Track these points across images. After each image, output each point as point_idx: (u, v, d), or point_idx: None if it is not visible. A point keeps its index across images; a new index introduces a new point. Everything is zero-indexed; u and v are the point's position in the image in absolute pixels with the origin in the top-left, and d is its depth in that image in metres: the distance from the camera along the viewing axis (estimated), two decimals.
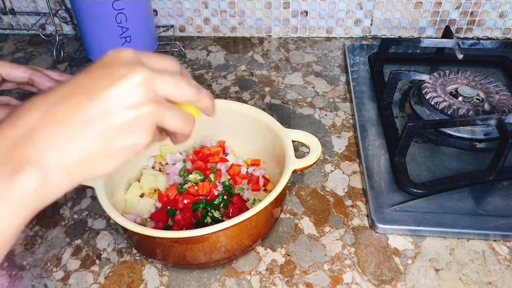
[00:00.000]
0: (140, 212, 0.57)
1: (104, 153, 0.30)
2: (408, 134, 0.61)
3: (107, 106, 0.29)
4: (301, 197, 0.63)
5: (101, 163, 0.30)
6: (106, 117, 0.29)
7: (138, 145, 0.31)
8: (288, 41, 0.97)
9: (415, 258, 0.55)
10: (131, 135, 0.30)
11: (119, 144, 0.30)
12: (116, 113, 0.29)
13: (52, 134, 0.28)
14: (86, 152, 0.29)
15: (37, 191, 0.27)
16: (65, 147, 0.28)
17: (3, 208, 0.26)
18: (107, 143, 0.29)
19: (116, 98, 0.29)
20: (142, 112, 0.30)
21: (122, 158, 0.31)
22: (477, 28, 0.94)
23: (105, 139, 0.29)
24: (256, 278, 0.53)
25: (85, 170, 0.30)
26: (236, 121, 0.63)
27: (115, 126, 0.29)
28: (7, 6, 0.99)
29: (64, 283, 0.54)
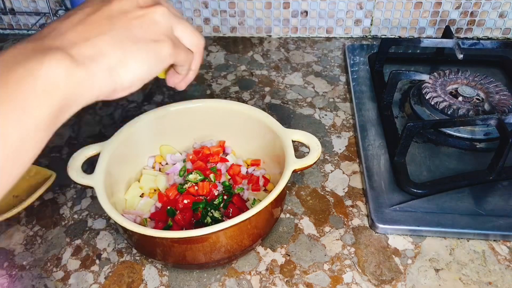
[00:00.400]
0: (140, 212, 0.57)
1: (134, 49, 0.31)
2: (408, 134, 0.61)
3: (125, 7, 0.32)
4: (301, 197, 0.63)
5: (132, 61, 0.31)
6: (127, 15, 0.32)
7: (164, 47, 0.33)
8: (288, 41, 0.97)
9: (415, 258, 0.55)
10: (154, 33, 0.33)
11: (145, 43, 0.32)
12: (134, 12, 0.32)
13: (80, 29, 0.30)
14: (115, 45, 0.30)
15: (63, 83, 0.27)
16: (94, 39, 0.29)
17: (34, 86, 0.26)
18: (134, 40, 0.31)
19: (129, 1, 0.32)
20: (156, 12, 0.33)
21: (151, 59, 0.32)
22: (477, 28, 0.94)
23: (131, 35, 0.31)
24: (256, 278, 0.53)
25: (116, 68, 0.30)
26: (236, 121, 0.63)
27: (137, 24, 0.32)
28: (7, 6, 0.99)
29: (64, 283, 0.54)
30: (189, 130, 0.65)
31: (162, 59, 0.33)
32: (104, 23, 0.30)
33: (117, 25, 0.31)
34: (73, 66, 0.28)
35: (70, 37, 0.29)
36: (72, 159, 0.55)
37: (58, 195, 0.65)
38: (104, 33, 0.30)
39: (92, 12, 0.31)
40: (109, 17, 0.31)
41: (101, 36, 0.30)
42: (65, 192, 0.65)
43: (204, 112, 0.64)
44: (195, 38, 0.37)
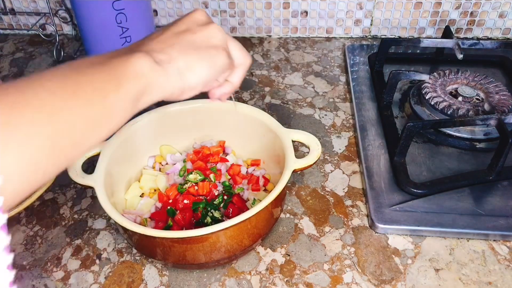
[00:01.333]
0: (140, 212, 0.57)
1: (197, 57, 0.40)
2: (408, 134, 0.61)
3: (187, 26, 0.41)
4: (301, 197, 0.63)
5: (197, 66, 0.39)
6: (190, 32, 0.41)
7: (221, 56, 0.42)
8: (288, 41, 0.97)
9: (415, 258, 0.55)
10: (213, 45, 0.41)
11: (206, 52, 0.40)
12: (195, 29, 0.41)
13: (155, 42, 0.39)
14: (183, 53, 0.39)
15: (147, 73, 0.35)
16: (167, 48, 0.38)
17: (127, 69, 0.34)
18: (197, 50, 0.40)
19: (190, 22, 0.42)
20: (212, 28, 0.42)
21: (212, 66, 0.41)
22: (477, 28, 0.94)
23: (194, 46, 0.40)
24: (256, 278, 0.53)
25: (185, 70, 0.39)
26: (236, 121, 0.63)
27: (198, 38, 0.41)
28: (7, 6, 0.99)
29: (64, 283, 0.54)
30: (189, 130, 0.65)
31: (220, 65, 0.42)
32: (173, 38, 0.40)
33: (183, 39, 0.40)
34: (154, 63, 0.36)
35: (150, 47, 0.38)
36: None
37: (58, 195, 0.65)
38: (173, 45, 0.39)
39: (164, 32, 0.40)
40: (176, 34, 0.40)
41: (171, 46, 0.39)
42: (65, 192, 0.65)
43: (204, 112, 0.64)
44: (244, 55, 0.46)
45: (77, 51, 0.94)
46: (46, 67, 0.91)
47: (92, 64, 0.33)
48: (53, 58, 0.93)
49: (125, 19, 0.79)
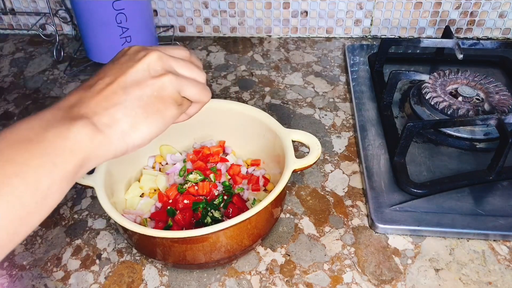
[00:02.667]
0: (140, 212, 0.57)
1: (144, 115, 0.37)
2: (408, 134, 0.61)
3: (137, 77, 0.37)
4: (301, 197, 0.63)
5: (143, 126, 0.37)
6: (139, 85, 0.37)
7: (170, 110, 0.39)
8: (288, 41, 0.97)
9: (415, 258, 0.55)
10: (162, 99, 0.38)
11: (154, 108, 0.37)
12: (145, 82, 0.37)
13: (100, 99, 0.35)
14: (128, 113, 0.36)
15: (87, 145, 0.33)
16: (111, 108, 0.35)
17: (64, 145, 0.31)
18: (144, 107, 0.37)
19: (142, 71, 0.38)
20: (164, 80, 0.38)
21: (159, 122, 0.38)
22: (477, 28, 0.94)
23: (142, 103, 0.37)
24: (256, 278, 0.53)
25: (129, 132, 0.36)
26: (236, 121, 0.63)
27: (147, 92, 0.37)
28: (7, 6, 0.99)
29: (64, 283, 0.54)
30: (189, 130, 0.65)
31: (167, 120, 0.39)
32: (120, 93, 0.36)
33: (131, 95, 0.36)
34: (94, 132, 0.34)
35: (92, 106, 0.35)
36: None
37: None
38: (120, 103, 0.36)
39: (110, 83, 0.36)
40: (124, 88, 0.36)
41: (117, 106, 0.36)
42: None
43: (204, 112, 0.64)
44: (201, 94, 0.42)
45: (77, 51, 0.94)
46: (46, 67, 0.92)
47: (23, 142, 0.30)
48: (53, 58, 0.93)
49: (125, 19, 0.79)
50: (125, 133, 0.36)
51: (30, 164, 0.29)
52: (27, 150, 0.30)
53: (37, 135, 0.31)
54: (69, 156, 0.32)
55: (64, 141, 0.32)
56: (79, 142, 0.32)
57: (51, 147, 0.31)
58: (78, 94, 0.36)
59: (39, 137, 0.31)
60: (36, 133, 0.31)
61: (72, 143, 0.32)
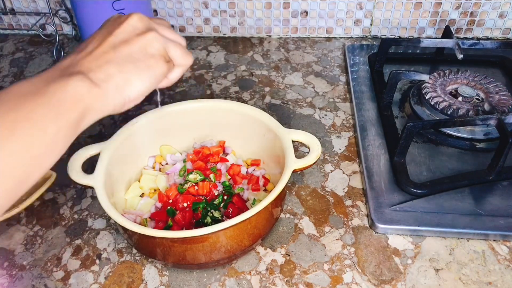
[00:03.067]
0: (140, 212, 0.57)
1: (135, 71, 0.39)
2: (408, 134, 0.61)
3: (124, 36, 0.39)
4: (301, 197, 0.63)
5: (136, 80, 0.39)
6: (127, 43, 0.39)
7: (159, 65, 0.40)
8: (288, 41, 0.97)
9: (415, 258, 0.55)
10: (151, 55, 0.40)
11: (145, 64, 0.39)
12: (132, 39, 0.40)
13: (92, 59, 0.37)
14: (120, 69, 0.38)
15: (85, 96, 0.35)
16: (104, 65, 0.37)
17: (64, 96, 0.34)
18: (135, 62, 0.39)
19: (127, 31, 0.40)
20: (150, 37, 0.40)
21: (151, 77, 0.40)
22: (477, 28, 0.94)
23: (132, 58, 0.39)
24: (256, 278, 0.53)
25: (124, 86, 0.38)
26: (236, 121, 0.63)
27: (136, 48, 0.39)
28: (7, 6, 0.99)
29: (64, 283, 0.54)
30: (189, 130, 0.65)
31: (158, 75, 0.41)
32: (110, 52, 0.38)
33: (120, 52, 0.38)
34: (91, 85, 0.35)
35: (86, 65, 0.37)
36: (72, 159, 0.55)
37: (58, 195, 0.65)
38: (111, 60, 0.38)
39: (99, 44, 0.39)
40: (113, 46, 0.39)
41: (109, 63, 0.38)
42: (65, 192, 0.65)
43: (204, 112, 0.64)
44: (184, 56, 0.44)
45: None
46: (46, 67, 0.92)
47: (27, 95, 0.32)
48: (53, 58, 0.93)
49: None
50: (120, 87, 0.38)
51: (37, 112, 0.32)
52: (33, 101, 0.32)
53: (39, 89, 0.33)
54: (70, 105, 0.34)
55: (64, 93, 0.34)
56: (78, 94, 0.34)
57: (54, 98, 0.33)
58: (70, 57, 0.38)
59: (41, 90, 0.33)
60: (38, 87, 0.33)
61: (72, 95, 0.34)
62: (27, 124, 0.31)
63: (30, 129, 0.31)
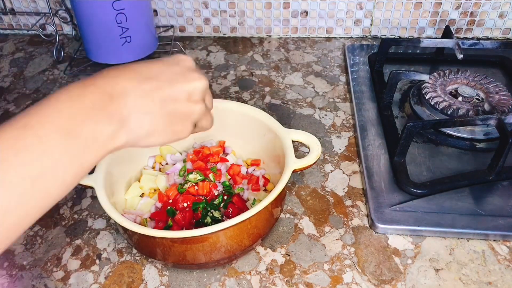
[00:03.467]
0: (140, 212, 0.57)
1: (163, 128, 0.39)
2: (408, 134, 0.61)
3: (179, 95, 0.39)
4: (301, 197, 0.63)
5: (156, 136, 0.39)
6: (175, 102, 0.39)
7: (184, 132, 0.42)
8: (288, 41, 0.97)
9: (415, 258, 0.55)
10: (184, 123, 0.41)
11: (174, 127, 0.40)
12: (182, 102, 0.40)
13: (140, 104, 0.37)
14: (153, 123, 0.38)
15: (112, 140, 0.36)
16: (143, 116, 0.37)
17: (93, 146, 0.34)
18: (169, 122, 0.39)
19: (185, 92, 0.40)
20: (197, 108, 0.41)
21: (170, 138, 0.41)
22: (477, 28, 0.94)
23: (169, 118, 0.39)
24: (256, 278, 0.53)
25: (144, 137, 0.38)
26: (236, 121, 0.63)
27: (178, 111, 0.40)
28: (7, 6, 0.99)
29: (64, 283, 0.54)
30: None
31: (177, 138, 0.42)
32: (157, 103, 0.38)
33: (165, 109, 0.39)
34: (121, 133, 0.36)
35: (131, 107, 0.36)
36: None
37: None
38: (152, 113, 0.38)
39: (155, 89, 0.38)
40: (162, 99, 0.38)
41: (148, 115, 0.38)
42: None
43: None
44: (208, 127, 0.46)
45: (77, 51, 0.93)
46: (46, 67, 0.92)
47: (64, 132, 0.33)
48: (53, 58, 0.93)
49: (125, 19, 0.79)
50: (139, 138, 0.38)
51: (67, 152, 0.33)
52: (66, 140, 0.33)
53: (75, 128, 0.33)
54: (95, 151, 0.35)
55: (95, 143, 0.35)
56: (106, 143, 0.35)
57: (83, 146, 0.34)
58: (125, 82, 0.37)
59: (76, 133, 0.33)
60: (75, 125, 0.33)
61: (100, 145, 0.35)
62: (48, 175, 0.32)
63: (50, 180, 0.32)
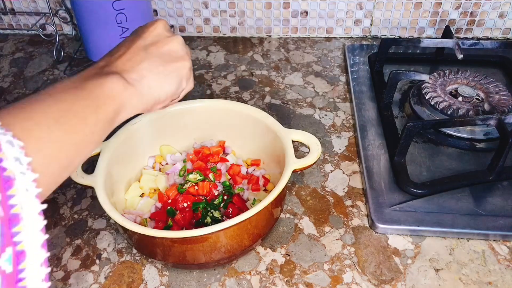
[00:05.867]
0: (140, 212, 0.57)
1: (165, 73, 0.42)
2: (408, 134, 0.61)
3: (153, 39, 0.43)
4: (301, 197, 0.63)
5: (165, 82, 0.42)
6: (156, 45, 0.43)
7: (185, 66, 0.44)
8: (288, 41, 0.97)
9: (415, 258, 0.55)
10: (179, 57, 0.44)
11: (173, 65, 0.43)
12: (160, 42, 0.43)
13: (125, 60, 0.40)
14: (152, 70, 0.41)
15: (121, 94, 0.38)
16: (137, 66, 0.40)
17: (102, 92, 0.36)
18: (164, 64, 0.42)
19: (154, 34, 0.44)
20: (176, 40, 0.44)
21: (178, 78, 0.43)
22: (477, 28, 0.94)
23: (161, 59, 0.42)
24: (256, 278, 0.53)
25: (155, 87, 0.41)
26: (236, 121, 0.63)
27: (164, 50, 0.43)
28: (7, 6, 0.99)
29: (64, 283, 0.54)
30: (189, 130, 0.65)
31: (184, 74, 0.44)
32: (141, 53, 0.41)
33: (151, 53, 0.42)
34: (126, 84, 0.39)
35: (120, 66, 0.40)
36: None
37: (58, 195, 0.65)
38: (142, 62, 0.41)
39: (130, 46, 0.42)
40: (143, 48, 0.42)
41: (141, 64, 0.41)
42: (65, 192, 0.65)
43: (204, 112, 0.64)
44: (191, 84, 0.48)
45: (77, 51, 0.93)
46: (46, 67, 0.92)
47: (69, 89, 0.35)
48: (53, 58, 0.93)
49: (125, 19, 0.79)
50: (152, 87, 0.41)
51: (78, 103, 0.34)
52: (74, 94, 0.35)
53: (79, 84, 0.36)
54: (108, 101, 0.37)
55: (102, 89, 0.36)
56: (115, 91, 0.37)
57: (93, 92, 0.36)
58: (104, 60, 0.40)
59: (81, 85, 0.36)
60: (77, 83, 0.36)
61: (109, 91, 0.37)
62: (70, 115, 0.33)
63: (72, 119, 0.33)
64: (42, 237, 0.27)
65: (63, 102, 0.33)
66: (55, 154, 0.32)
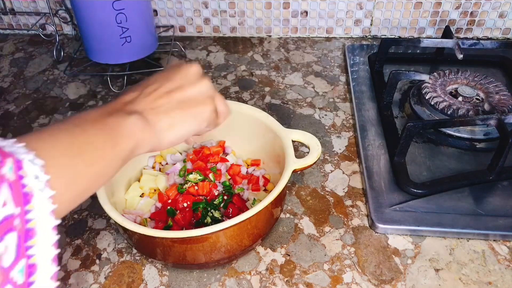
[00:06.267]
0: (140, 212, 0.57)
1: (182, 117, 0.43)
2: (408, 134, 0.61)
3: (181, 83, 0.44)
4: (301, 197, 0.63)
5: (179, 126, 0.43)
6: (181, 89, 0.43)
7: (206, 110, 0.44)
8: (288, 41, 0.97)
9: (415, 258, 0.55)
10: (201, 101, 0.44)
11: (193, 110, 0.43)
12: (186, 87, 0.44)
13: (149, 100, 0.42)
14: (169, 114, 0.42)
15: (138, 133, 0.39)
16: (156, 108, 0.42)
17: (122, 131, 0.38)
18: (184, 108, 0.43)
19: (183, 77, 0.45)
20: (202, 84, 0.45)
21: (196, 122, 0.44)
22: (477, 28, 0.94)
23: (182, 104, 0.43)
24: (256, 278, 0.53)
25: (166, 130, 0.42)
26: (236, 121, 0.63)
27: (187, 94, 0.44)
28: (7, 6, 0.99)
29: (64, 283, 0.54)
30: None
31: (205, 118, 0.45)
32: (164, 96, 0.42)
33: (173, 98, 0.43)
34: (144, 124, 0.40)
35: (142, 105, 0.41)
36: None
37: None
38: (163, 104, 0.42)
39: (158, 87, 0.43)
40: (168, 92, 0.43)
41: (161, 107, 0.42)
42: None
43: None
44: (226, 109, 0.48)
45: (77, 51, 0.93)
46: (46, 67, 0.92)
47: (93, 123, 0.37)
48: (53, 58, 0.93)
49: (125, 19, 0.79)
50: (166, 131, 0.42)
51: (100, 138, 0.36)
52: (96, 128, 0.37)
53: (101, 119, 0.38)
54: (125, 139, 0.38)
55: (122, 128, 0.38)
56: (133, 131, 0.39)
57: (114, 130, 0.37)
58: (131, 94, 0.42)
59: (104, 120, 0.38)
60: (100, 118, 0.38)
61: (128, 131, 0.38)
62: (91, 147, 0.35)
63: (93, 152, 0.35)
64: (53, 251, 0.29)
65: (86, 134, 0.35)
66: (74, 182, 0.33)
